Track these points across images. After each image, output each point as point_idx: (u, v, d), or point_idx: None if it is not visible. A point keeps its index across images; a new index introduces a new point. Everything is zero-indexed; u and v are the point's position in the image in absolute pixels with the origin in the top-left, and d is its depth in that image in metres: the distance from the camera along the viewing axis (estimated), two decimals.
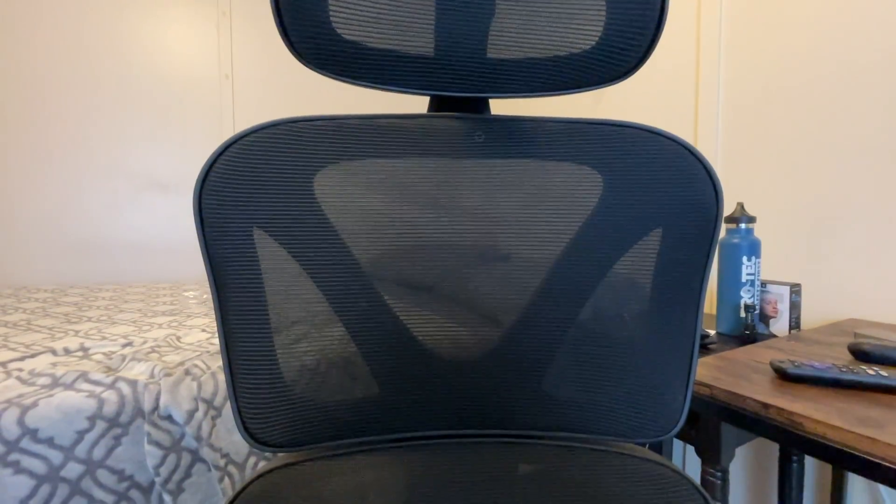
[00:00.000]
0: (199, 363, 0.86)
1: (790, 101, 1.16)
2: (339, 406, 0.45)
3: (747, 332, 0.93)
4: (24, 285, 1.97)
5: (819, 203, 1.11)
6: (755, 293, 0.97)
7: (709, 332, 0.94)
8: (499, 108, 2.13)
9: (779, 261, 1.18)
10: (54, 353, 0.93)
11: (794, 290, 0.96)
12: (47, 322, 1.23)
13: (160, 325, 1.20)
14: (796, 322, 0.97)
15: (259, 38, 2.33)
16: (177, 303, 1.54)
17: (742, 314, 0.97)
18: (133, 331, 1.12)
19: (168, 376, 0.80)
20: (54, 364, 0.85)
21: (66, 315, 1.33)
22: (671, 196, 0.44)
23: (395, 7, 0.39)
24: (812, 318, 1.12)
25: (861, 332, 0.85)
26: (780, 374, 0.64)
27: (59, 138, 2.00)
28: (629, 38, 0.42)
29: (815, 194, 1.12)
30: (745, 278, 0.96)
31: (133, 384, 0.77)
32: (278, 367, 0.44)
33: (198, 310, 1.42)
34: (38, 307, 1.45)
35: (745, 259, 0.96)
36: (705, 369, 0.69)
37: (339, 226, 0.43)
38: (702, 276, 0.45)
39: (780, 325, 0.98)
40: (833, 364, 0.63)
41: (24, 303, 1.52)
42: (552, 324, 0.46)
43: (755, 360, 0.73)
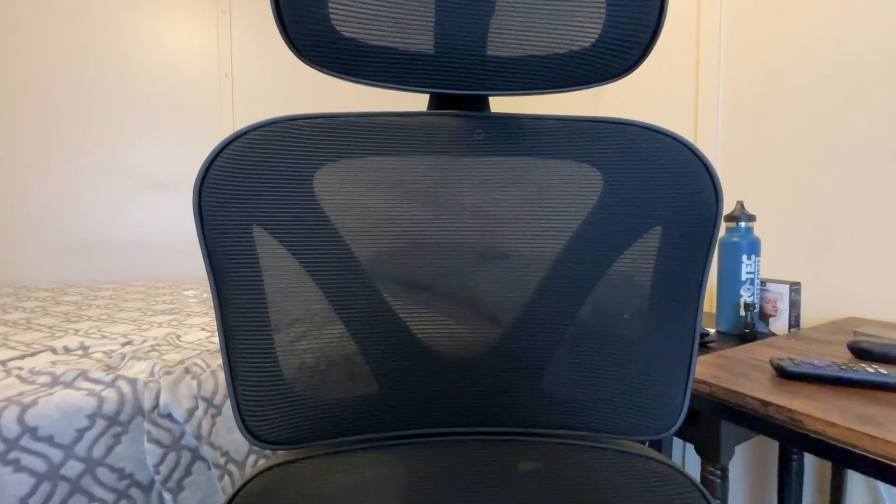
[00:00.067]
0: (199, 361, 0.86)
1: (790, 100, 1.16)
2: (338, 404, 0.45)
3: (747, 331, 0.93)
4: (24, 284, 1.97)
5: (819, 202, 1.11)
6: (755, 292, 0.97)
7: (708, 331, 0.94)
8: (499, 105, 2.13)
9: (778, 259, 1.18)
10: (54, 351, 0.93)
11: (794, 288, 0.97)
12: (47, 321, 1.23)
13: (160, 323, 1.20)
14: (796, 321, 0.97)
15: (259, 37, 2.33)
16: (176, 302, 1.54)
17: (742, 313, 0.97)
18: (133, 329, 1.12)
19: (168, 375, 0.80)
20: (54, 362, 0.85)
21: (65, 314, 1.33)
22: (671, 193, 0.44)
23: (395, 4, 0.39)
24: (812, 316, 1.12)
25: (861, 330, 0.85)
26: (780, 371, 0.64)
27: (58, 137, 2.00)
28: (629, 35, 0.42)
29: (814, 193, 1.12)
30: (744, 277, 0.96)
31: (133, 382, 0.77)
32: (278, 364, 0.44)
33: (197, 308, 1.42)
34: (38, 306, 1.45)
35: (744, 258, 0.96)
36: (705, 367, 0.69)
37: (338, 224, 0.43)
38: (701, 274, 0.45)
39: (779, 324, 0.98)
40: (833, 362, 0.63)
41: (24, 302, 1.52)
42: (552, 321, 0.45)
43: (755, 358, 0.73)
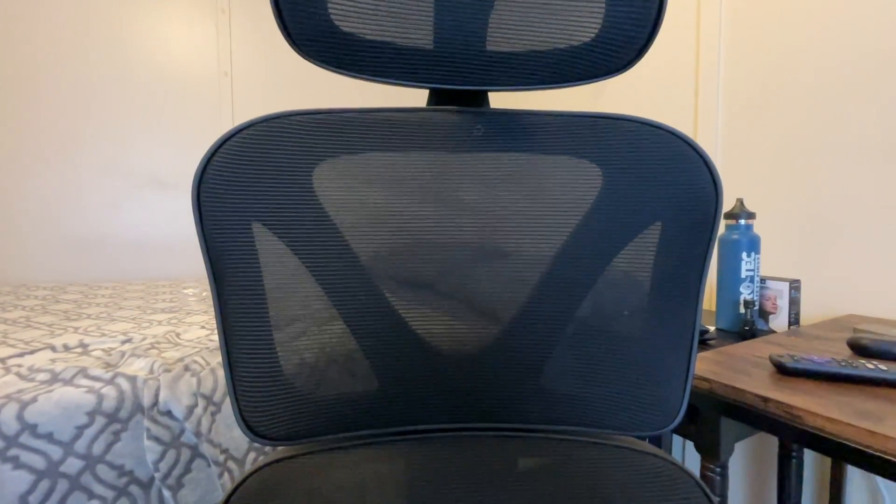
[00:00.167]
0: (198, 359, 0.86)
1: (790, 97, 1.16)
2: (338, 400, 0.45)
3: (746, 329, 0.93)
4: (24, 283, 1.97)
5: (819, 199, 1.11)
6: (754, 289, 0.97)
7: (708, 329, 0.94)
8: (498, 101, 2.13)
9: (778, 257, 1.18)
10: (53, 349, 0.93)
11: (794, 286, 0.97)
12: (47, 319, 1.23)
13: (159, 321, 1.20)
14: (795, 318, 0.97)
15: (258, 36, 2.32)
16: (176, 300, 1.54)
17: (741, 310, 0.97)
18: (132, 328, 1.12)
19: (167, 372, 0.80)
20: (53, 360, 0.85)
21: (65, 312, 1.33)
22: (670, 189, 0.44)
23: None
24: (811, 314, 1.12)
25: (861, 327, 0.85)
26: (780, 368, 0.64)
27: (57, 135, 2.00)
28: (628, 30, 0.42)
29: (814, 191, 1.12)
30: (744, 274, 0.96)
31: (132, 380, 0.77)
32: (277, 360, 0.44)
33: (197, 307, 1.42)
34: (37, 304, 1.45)
35: (744, 255, 0.96)
36: (704, 364, 0.69)
37: (337, 220, 0.43)
38: (701, 270, 0.45)
39: (779, 322, 0.98)
40: (832, 358, 0.63)
41: (24, 300, 1.52)
42: (552, 318, 0.45)
43: (754, 354, 0.73)
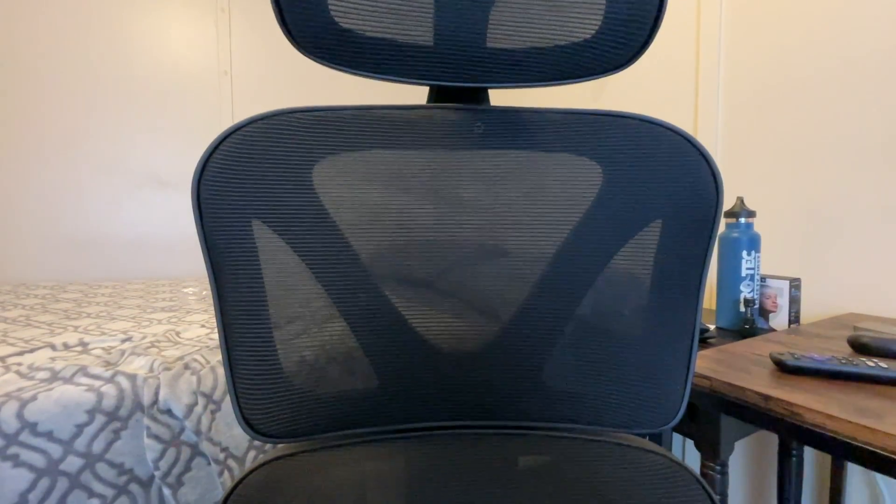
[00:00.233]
0: (198, 358, 0.86)
1: (790, 95, 1.16)
2: (338, 397, 0.45)
3: (747, 327, 0.93)
4: (23, 282, 1.97)
5: (819, 198, 1.11)
6: (755, 288, 0.97)
7: (708, 327, 0.94)
8: (499, 98, 2.12)
9: (778, 255, 1.18)
10: (53, 347, 0.93)
11: (794, 284, 0.96)
12: (46, 318, 1.23)
13: (159, 320, 1.20)
14: (796, 316, 0.97)
15: (257, 34, 2.32)
16: (176, 299, 1.54)
17: (742, 309, 0.97)
18: (132, 326, 1.12)
19: (167, 370, 0.80)
20: (53, 358, 0.85)
21: (65, 311, 1.33)
22: (671, 186, 0.43)
23: None
24: (811, 312, 1.12)
25: (861, 325, 0.85)
26: (780, 366, 0.63)
27: (57, 135, 2.00)
28: (628, 27, 0.41)
29: (815, 189, 1.11)
30: (744, 273, 0.96)
31: (132, 378, 0.77)
32: (277, 357, 0.44)
33: (197, 306, 1.42)
34: (37, 303, 1.45)
35: (744, 253, 0.96)
36: (705, 362, 0.69)
37: (337, 217, 0.42)
38: (701, 267, 0.45)
39: (779, 320, 0.98)
40: (833, 356, 0.63)
41: (23, 299, 1.52)
42: (552, 315, 0.45)
43: (755, 352, 0.73)
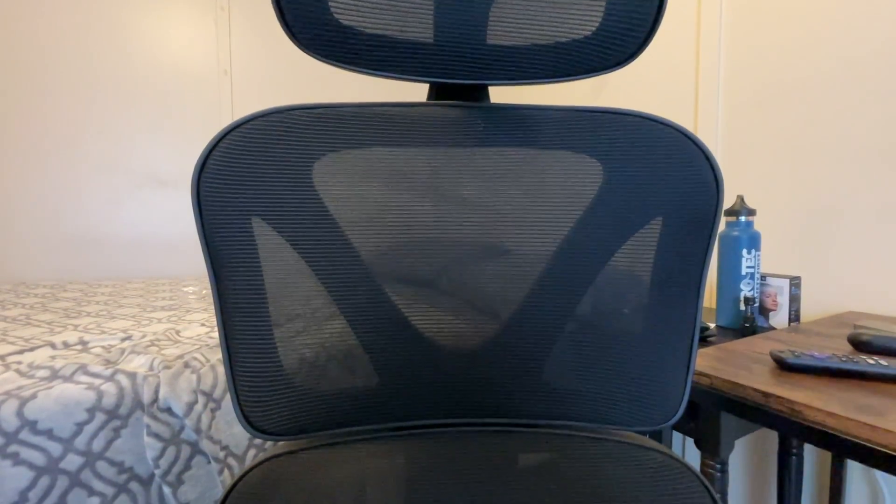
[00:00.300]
0: (198, 356, 0.86)
1: (790, 93, 1.16)
2: (339, 395, 0.45)
3: (747, 325, 0.93)
4: (23, 281, 1.97)
5: (819, 196, 1.11)
6: (755, 286, 0.97)
7: (708, 325, 0.94)
8: (499, 96, 2.12)
9: (778, 254, 1.18)
10: (53, 346, 0.92)
11: (794, 283, 0.96)
12: (46, 317, 1.23)
13: (159, 319, 1.20)
14: (796, 315, 0.97)
15: (257, 34, 2.32)
16: (176, 298, 1.54)
17: (742, 307, 0.97)
18: (132, 325, 1.12)
19: (167, 369, 0.80)
20: (53, 357, 0.85)
21: (65, 310, 1.32)
22: (671, 184, 0.43)
23: None
24: (811, 311, 1.12)
25: (861, 324, 0.85)
26: (780, 363, 0.63)
27: (57, 134, 1.99)
28: (629, 24, 0.41)
29: (815, 188, 1.11)
30: (744, 271, 0.96)
31: (132, 376, 0.77)
32: (278, 355, 0.44)
33: (197, 305, 1.42)
34: (36, 302, 1.44)
35: (744, 252, 0.96)
36: (705, 360, 0.69)
37: (337, 215, 0.42)
38: (702, 264, 0.45)
39: (779, 318, 0.98)
40: (833, 354, 0.63)
41: (23, 298, 1.52)
42: (552, 313, 0.45)
43: (755, 350, 0.73)
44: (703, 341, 0.89)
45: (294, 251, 0.42)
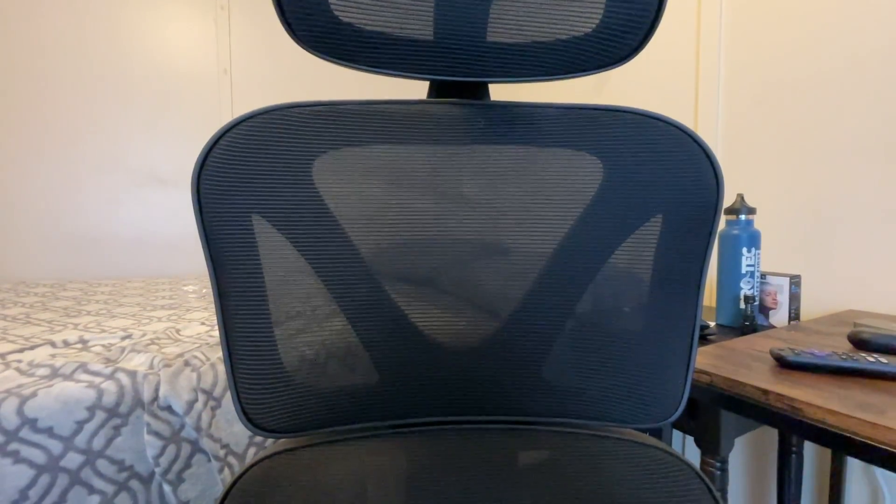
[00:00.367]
0: (198, 354, 0.86)
1: (791, 92, 1.16)
2: (339, 392, 0.45)
3: (747, 324, 0.93)
4: (23, 280, 1.97)
5: (819, 195, 1.11)
6: (755, 285, 0.97)
7: (708, 324, 0.94)
8: (499, 93, 2.12)
9: (778, 252, 1.18)
10: (53, 345, 0.92)
11: (794, 281, 0.96)
12: (46, 315, 1.23)
13: (159, 318, 1.20)
14: (796, 313, 0.97)
15: (257, 33, 2.32)
16: (176, 297, 1.54)
17: (742, 305, 0.97)
18: (132, 324, 1.12)
19: (167, 367, 0.80)
20: (53, 355, 0.85)
21: (65, 309, 1.32)
22: (671, 181, 0.43)
23: None
24: (811, 309, 1.12)
25: (861, 322, 0.85)
26: (780, 361, 0.63)
27: (57, 133, 1.99)
28: (629, 20, 0.41)
29: (815, 186, 1.11)
30: (744, 270, 0.96)
31: (132, 375, 0.77)
32: (278, 352, 0.44)
33: (197, 304, 1.42)
34: (36, 301, 1.44)
35: (744, 250, 0.96)
36: (705, 358, 0.69)
37: (337, 212, 0.42)
38: (702, 262, 0.45)
39: (779, 317, 0.98)
40: (833, 352, 0.63)
41: (23, 297, 1.52)
42: (552, 311, 0.45)
43: (755, 348, 0.73)
44: (703, 339, 0.89)
45: (294, 248, 0.42)
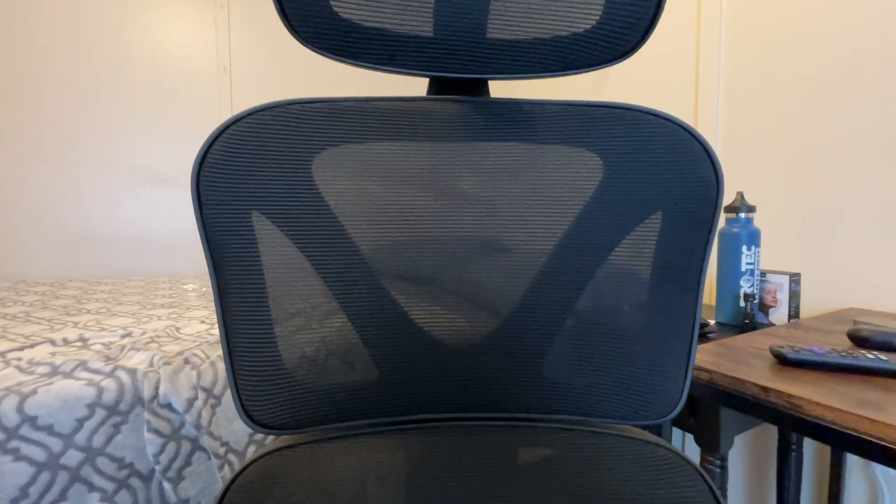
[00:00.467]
0: (198, 352, 0.86)
1: (791, 90, 1.15)
2: (339, 389, 0.45)
3: (746, 322, 0.93)
4: (23, 278, 1.97)
5: (819, 193, 1.11)
6: (755, 283, 0.97)
7: (708, 322, 0.94)
8: (499, 90, 2.12)
9: (778, 250, 1.18)
10: (53, 343, 0.93)
11: (794, 279, 0.97)
12: (46, 314, 1.23)
13: (159, 316, 1.20)
14: (795, 311, 0.97)
15: (257, 31, 2.32)
16: (176, 296, 1.54)
17: (741, 303, 0.97)
18: (132, 322, 1.12)
19: (167, 365, 0.80)
20: (53, 353, 0.85)
21: (65, 307, 1.33)
22: (671, 178, 0.43)
23: None
24: (811, 307, 1.12)
25: (860, 320, 0.85)
26: (780, 358, 0.64)
27: (57, 131, 1.99)
28: (629, 17, 0.41)
29: (814, 184, 1.11)
30: (744, 268, 0.96)
31: (132, 373, 0.77)
32: (278, 349, 0.44)
33: (197, 302, 1.42)
34: (36, 300, 1.44)
35: (744, 248, 0.96)
36: (705, 355, 0.69)
37: (337, 209, 0.42)
38: (702, 259, 0.45)
39: (779, 315, 0.98)
40: (833, 349, 0.63)
41: (23, 296, 1.52)
42: (552, 308, 0.45)
43: (754, 346, 0.73)
44: (703, 337, 0.89)
45: (294, 245, 0.42)
